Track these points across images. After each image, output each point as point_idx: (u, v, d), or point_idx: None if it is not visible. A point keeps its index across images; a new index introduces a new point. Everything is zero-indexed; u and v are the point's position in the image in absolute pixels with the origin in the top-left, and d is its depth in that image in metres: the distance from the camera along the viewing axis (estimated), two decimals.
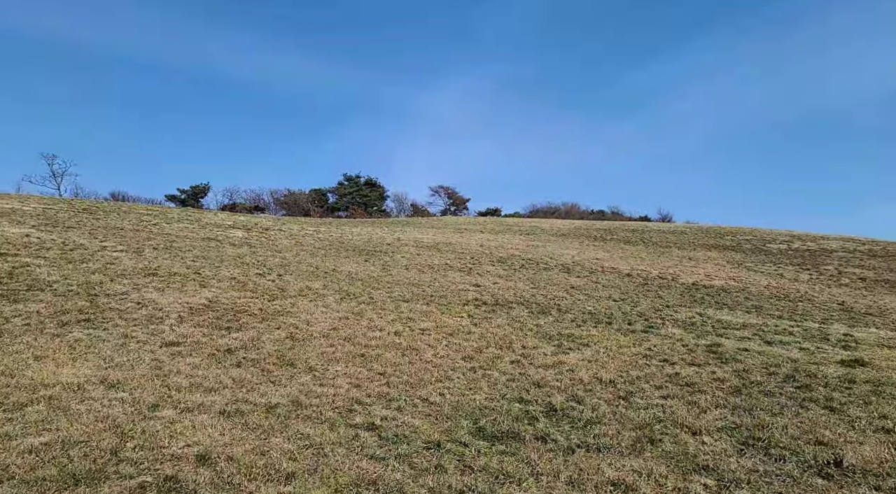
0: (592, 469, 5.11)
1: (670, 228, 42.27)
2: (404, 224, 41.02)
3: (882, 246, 31.67)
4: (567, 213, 62.53)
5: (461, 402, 7.05)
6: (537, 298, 16.14)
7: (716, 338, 11.95)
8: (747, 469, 5.20)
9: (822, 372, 9.30)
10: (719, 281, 21.70)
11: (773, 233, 37.45)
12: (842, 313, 17.05)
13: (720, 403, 7.44)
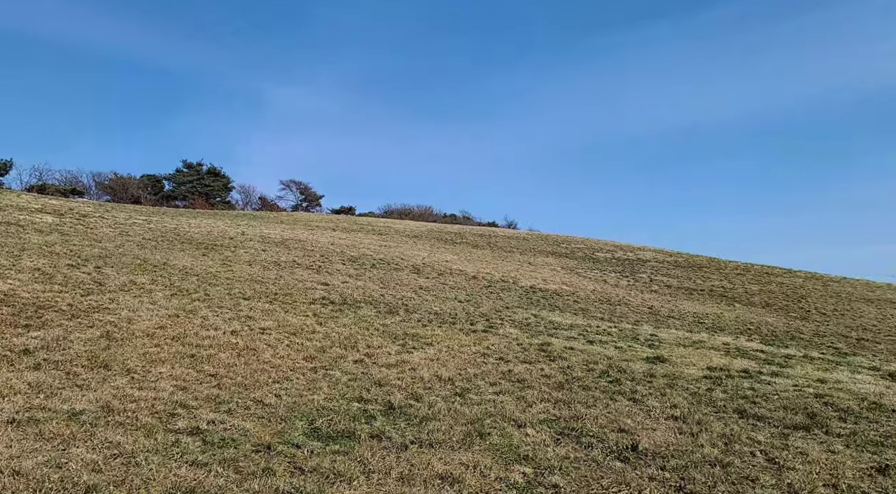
0: (423, 463, 5.25)
1: (514, 234, 45.10)
2: (251, 217, 38.92)
3: (685, 257, 36.76)
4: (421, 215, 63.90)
5: (298, 403, 6.85)
6: (386, 298, 16.25)
7: (547, 338, 12.96)
8: (561, 456, 5.71)
9: (630, 367, 10.52)
10: (554, 286, 23.58)
11: (601, 242, 41.66)
12: (650, 316, 19.45)
13: (545, 397, 8.07)
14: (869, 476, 5.58)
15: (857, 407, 8.64)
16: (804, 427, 7.21)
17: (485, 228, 51.61)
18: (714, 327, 18.43)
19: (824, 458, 5.99)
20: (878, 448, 6.55)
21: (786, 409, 8.15)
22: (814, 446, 6.43)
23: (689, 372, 10.65)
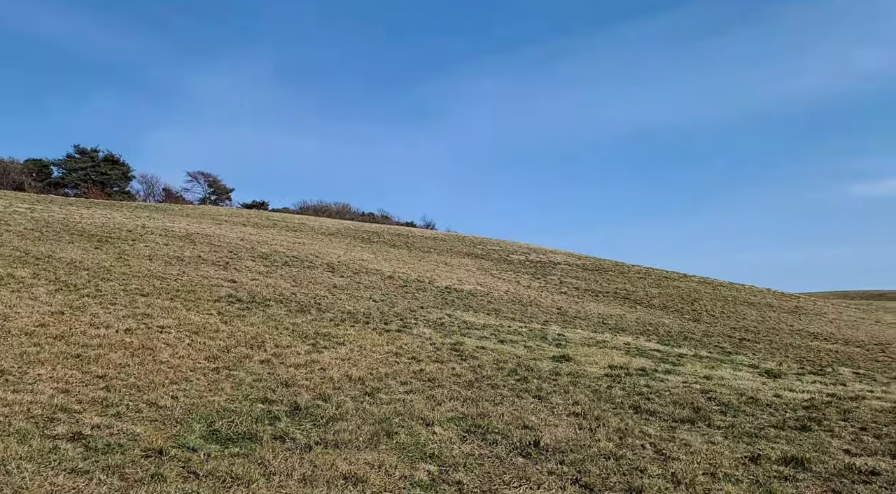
0: (327, 464, 5.16)
1: (432, 235, 45.38)
2: (153, 209, 36.60)
3: (593, 261, 38.56)
4: (338, 213, 62.79)
5: (197, 405, 6.51)
6: (298, 296, 15.82)
7: (460, 337, 13.13)
8: (466, 453, 5.81)
9: (538, 366, 10.88)
10: (469, 286, 23.95)
11: (516, 245, 42.84)
12: (559, 316, 20.23)
13: (455, 396, 8.16)
14: (743, 464, 6.10)
15: (736, 401, 9.43)
16: (690, 421, 7.77)
17: (403, 228, 51.55)
18: (617, 327, 19.46)
19: (705, 449, 6.48)
20: (753, 439, 7.17)
21: (675, 404, 8.74)
22: (697, 438, 6.94)
23: (592, 370, 11.17)
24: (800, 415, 8.69)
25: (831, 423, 8.31)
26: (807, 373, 13.72)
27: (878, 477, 5.96)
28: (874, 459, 6.59)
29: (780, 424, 8.10)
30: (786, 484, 5.54)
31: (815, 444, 7.07)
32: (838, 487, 5.57)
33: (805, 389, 11.13)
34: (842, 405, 9.69)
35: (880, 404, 9.99)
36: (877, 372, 15.41)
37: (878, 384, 12.87)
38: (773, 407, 9.21)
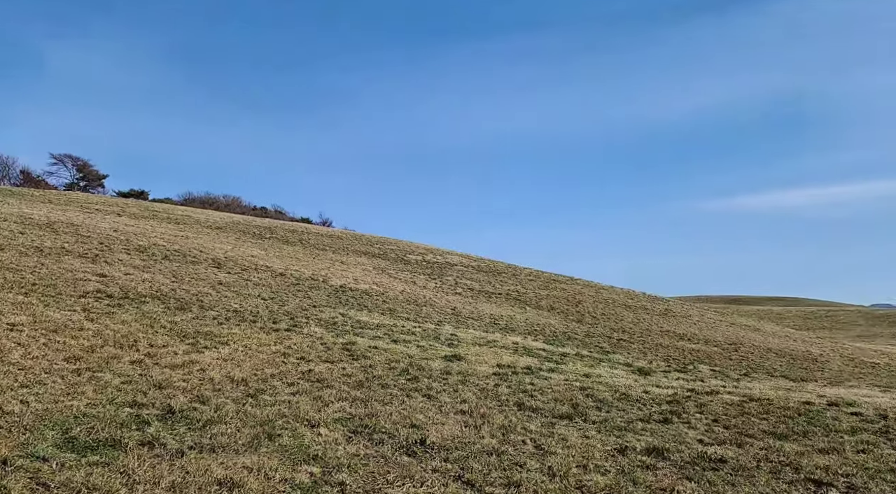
0: (201, 470, 4.87)
1: (328, 232, 44.45)
2: (7, 193, 32.71)
3: (487, 263, 39.69)
4: (227, 206, 59.67)
5: (51, 410, 5.89)
6: (178, 293, 14.82)
7: (353, 337, 12.96)
8: (351, 454, 5.73)
9: (429, 365, 10.99)
10: (364, 285, 23.72)
11: (413, 245, 43.07)
12: (452, 316, 20.59)
13: (344, 396, 8.03)
14: (612, 456, 6.55)
15: (610, 397, 10.10)
16: (568, 417, 8.22)
17: (298, 224, 50.00)
18: (507, 328, 20.16)
19: (580, 443, 6.89)
20: (622, 432, 7.72)
21: (556, 401, 9.20)
22: (573, 432, 7.35)
23: (482, 369, 11.47)
24: (663, 409, 9.48)
25: (689, 416, 9.14)
26: (672, 371, 15.01)
27: (725, 464, 6.64)
28: (723, 448, 7.33)
29: (646, 418, 8.79)
30: (647, 473, 6.02)
31: (674, 435, 7.74)
32: (691, 474, 6.14)
33: (670, 385, 12.16)
34: (699, 399, 10.69)
35: (731, 398, 11.14)
36: (730, 369, 17.20)
37: (730, 380, 14.36)
38: (642, 402, 9.97)
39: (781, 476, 6.33)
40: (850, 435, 8.68)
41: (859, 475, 6.58)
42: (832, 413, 10.43)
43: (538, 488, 5.34)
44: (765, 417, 9.57)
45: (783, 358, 22.77)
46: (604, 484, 5.54)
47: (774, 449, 7.42)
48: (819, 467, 6.76)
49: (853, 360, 25.43)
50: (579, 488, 5.46)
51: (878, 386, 16.90)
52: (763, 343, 26.83)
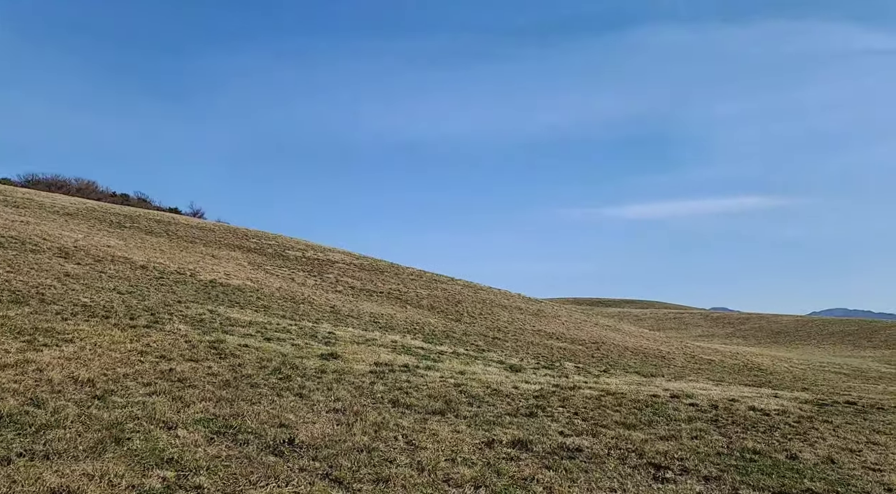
0: (31, 479, 4.34)
1: (199, 224, 41.65)
2: None
3: (370, 261, 39.40)
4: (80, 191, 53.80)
5: None
6: (14, 284, 13.11)
7: (221, 335, 12.24)
8: (211, 455, 5.41)
9: (303, 364, 10.68)
10: (237, 281, 22.52)
11: (293, 240, 41.64)
12: (332, 315, 20.19)
13: (207, 397, 7.57)
14: (480, 449, 6.79)
15: (482, 393, 10.46)
16: (441, 412, 8.39)
17: (165, 214, 46.34)
18: (387, 326, 20.15)
19: (450, 437, 7.06)
20: (491, 426, 8.03)
21: (430, 397, 9.36)
22: (444, 427, 7.52)
23: (358, 367, 11.37)
24: (530, 404, 10.00)
25: (553, 409, 9.72)
26: (541, 368, 15.89)
27: (581, 453, 7.15)
28: (580, 438, 7.88)
29: (514, 412, 9.22)
30: (511, 464, 6.31)
31: (538, 428, 8.20)
32: (550, 463, 6.54)
33: (538, 381, 12.86)
34: (563, 394, 11.42)
35: (591, 392, 12.01)
36: (592, 365, 18.55)
37: (591, 375, 15.49)
38: (511, 398, 10.44)
39: (627, 462, 6.94)
40: (686, 424, 9.73)
41: (691, 458, 7.40)
42: (674, 405, 11.62)
43: (406, 482, 5.39)
44: (618, 409, 10.43)
45: (637, 356, 24.98)
46: (470, 476, 5.72)
47: (624, 438, 8.11)
48: (659, 452, 7.50)
49: (694, 357, 28.52)
50: (446, 481, 5.59)
51: (712, 379, 19.12)
52: (622, 342, 29.25)
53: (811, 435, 9.76)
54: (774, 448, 8.41)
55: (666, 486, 6.11)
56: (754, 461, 7.56)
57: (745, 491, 6.17)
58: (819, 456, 8.23)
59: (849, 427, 11.01)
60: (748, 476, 6.80)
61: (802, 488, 6.53)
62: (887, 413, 13.59)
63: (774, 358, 35.63)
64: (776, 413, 11.70)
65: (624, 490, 5.90)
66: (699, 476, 6.65)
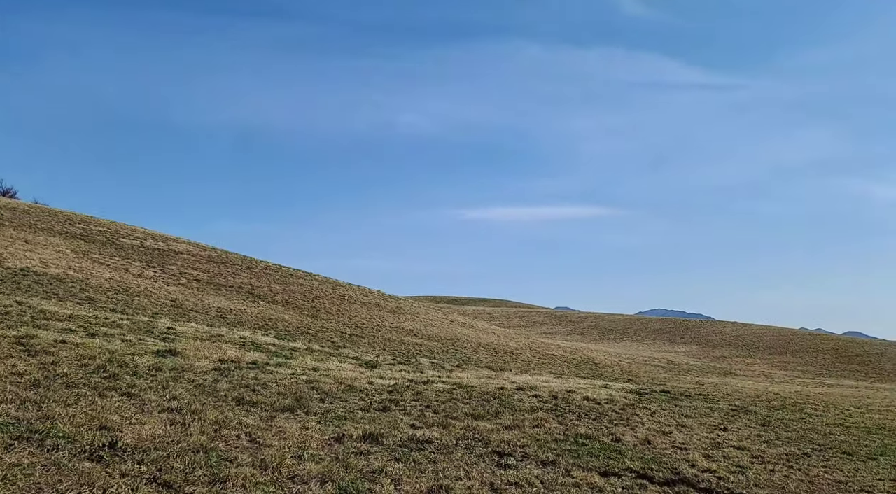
0: None
1: (10, 204, 36.03)
2: None
3: (220, 253, 36.85)
4: None
5: None
6: None
7: (32, 329, 10.68)
8: (10, 464, 4.64)
9: (135, 361, 9.65)
10: (57, 270, 19.82)
11: (129, 228, 37.62)
12: (173, 309, 18.54)
13: (9, 398, 6.52)
14: (329, 444, 6.62)
15: (336, 389, 10.24)
16: (290, 409, 8.05)
17: None
18: (236, 322, 18.97)
19: (298, 434, 6.80)
20: (342, 421, 7.87)
21: (279, 394, 8.95)
22: (293, 424, 7.22)
23: (200, 364, 10.54)
24: (384, 398, 9.99)
25: (406, 404, 9.80)
26: (397, 363, 15.97)
27: (431, 444, 7.27)
28: (430, 430, 8.02)
29: (367, 407, 9.14)
30: (360, 458, 6.23)
31: (390, 422, 8.20)
32: (400, 455, 6.56)
33: (393, 376, 12.90)
34: (417, 388, 11.56)
35: (443, 386, 12.31)
36: (446, 361, 19.07)
37: (445, 370, 15.90)
38: (365, 393, 10.35)
39: (474, 451, 7.20)
40: (529, 414, 10.36)
41: (532, 445, 7.88)
42: (519, 396, 12.32)
43: (247, 482, 5.07)
44: (468, 402, 10.81)
45: (489, 351, 26.19)
46: (317, 472, 5.53)
47: (472, 428, 8.41)
48: (504, 441, 7.88)
49: (539, 353, 30.58)
50: (291, 478, 5.35)
51: (554, 373, 20.65)
52: (475, 338, 30.47)
53: (633, 421, 10.90)
54: (602, 433, 9.25)
55: (508, 472, 6.42)
56: (585, 445, 8.25)
57: (576, 472, 6.69)
58: (638, 439, 9.20)
59: (663, 412, 12.47)
60: (580, 458, 7.40)
61: (623, 467, 7.24)
62: (693, 399, 15.64)
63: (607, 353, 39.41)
64: (605, 402, 12.90)
65: (469, 477, 6.09)
66: (538, 460, 7.09)
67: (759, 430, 11.31)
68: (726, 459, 8.35)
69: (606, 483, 6.44)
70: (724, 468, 7.80)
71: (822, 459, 9.02)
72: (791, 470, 8.06)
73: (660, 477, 6.91)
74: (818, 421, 13.45)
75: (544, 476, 6.43)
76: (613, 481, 6.53)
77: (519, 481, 6.13)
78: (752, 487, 6.97)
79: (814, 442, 10.46)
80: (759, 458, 8.65)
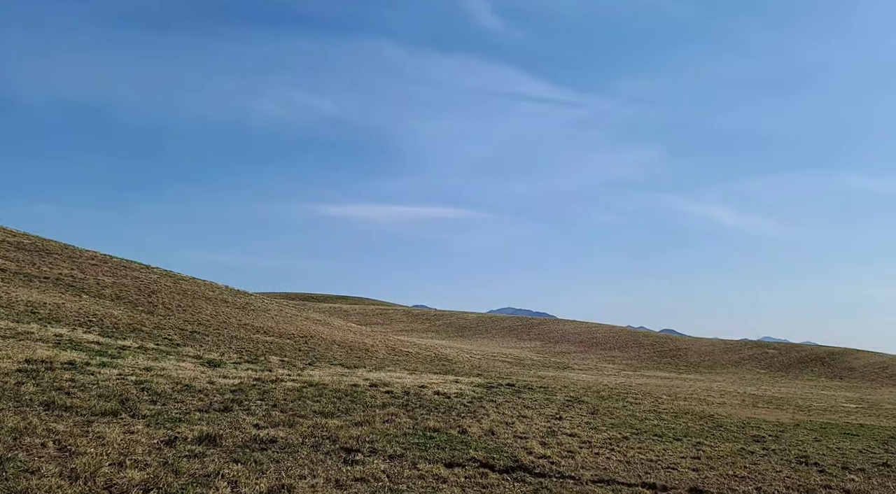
0: None
1: None
2: None
3: (33, 240, 32.06)
4: None
5: None
6: None
7: None
8: None
9: None
10: None
11: None
12: None
13: None
14: (158, 449, 6.02)
15: (170, 390, 9.39)
16: (113, 413, 7.22)
17: None
18: (50, 318, 16.65)
19: (120, 439, 6.10)
20: (175, 423, 7.22)
21: (101, 397, 7.99)
22: (115, 429, 6.47)
23: (1, 365, 9.09)
24: (226, 398, 9.37)
25: (251, 403, 9.28)
26: (244, 362, 15.08)
27: (275, 444, 6.95)
28: (276, 429, 7.67)
29: (206, 408, 8.50)
30: (194, 461, 5.75)
31: (231, 422, 7.70)
32: (240, 456, 6.17)
33: (238, 375, 12.15)
34: (264, 387, 11.01)
35: (293, 384, 11.87)
36: (298, 359, 18.41)
37: (296, 368, 15.34)
38: (205, 393, 9.62)
39: (321, 448, 7.00)
40: (381, 409, 10.35)
41: (381, 440, 7.87)
42: (371, 393, 12.27)
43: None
44: (318, 399, 10.52)
45: (344, 349, 25.78)
46: (140, 479, 5.00)
47: (321, 426, 8.19)
48: (353, 437, 7.77)
49: (395, 349, 30.77)
50: (108, 487, 4.77)
51: (408, 369, 20.89)
52: (330, 336, 29.83)
53: (479, 413, 11.37)
54: (450, 426, 9.52)
55: (355, 468, 6.34)
56: (433, 438, 8.42)
57: (422, 464, 6.79)
58: (484, 430, 9.61)
59: (507, 404, 13.18)
60: (427, 451, 7.53)
61: (468, 457, 7.50)
62: (535, 392, 16.75)
63: (460, 349, 40.83)
64: (455, 396, 13.32)
65: (314, 475, 5.90)
66: (385, 455, 7.09)
67: (588, 418, 12.41)
68: (559, 445, 9.03)
69: (451, 473, 6.61)
70: (557, 453, 8.42)
71: (638, 442, 10.12)
72: (612, 453, 8.93)
73: (500, 466, 7.27)
74: (637, 409, 15.10)
75: (391, 469, 6.44)
76: (457, 471, 6.73)
77: (365, 476, 6.07)
78: (579, 469, 7.60)
79: (632, 427, 11.70)
80: (587, 443, 9.48)
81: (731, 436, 11.72)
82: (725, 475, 8.16)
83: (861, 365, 50.88)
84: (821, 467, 9.30)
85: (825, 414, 18.30)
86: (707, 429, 12.41)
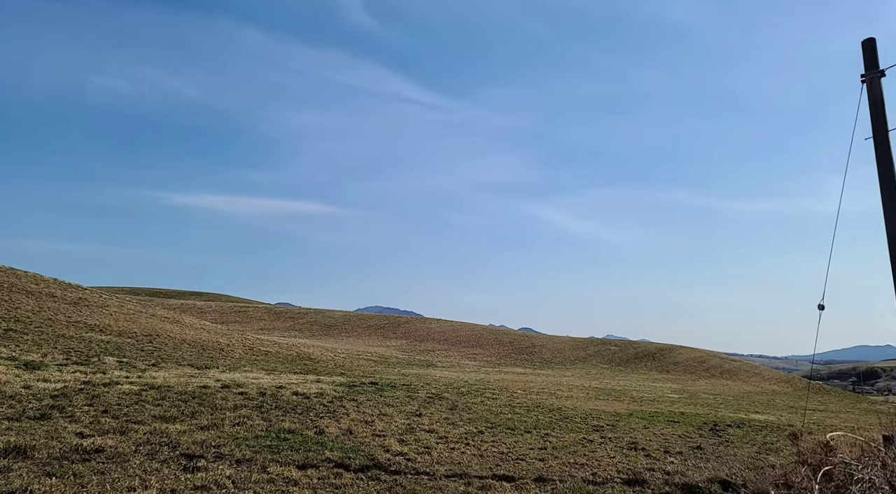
0: None
1: None
2: None
3: None
4: None
5: None
6: None
7: None
8: None
9: None
10: None
11: None
12: None
13: None
14: None
15: None
16: None
17: None
18: None
19: None
20: None
21: None
22: None
23: None
24: (45, 404, 8.23)
25: (76, 409, 8.24)
26: (71, 363, 13.37)
27: (101, 453, 6.20)
28: (104, 438, 6.86)
29: (17, 416, 7.40)
30: None
31: (48, 431, 6.76)
32: (55, 470, 5.42)
33: (62, 379, 10.76)
34: (94, 391, 9.85)
35: (131, 387, 10.75)
36: (140, 359, 16.74)
37: (136, 370, 13.92)
38: (17, 399, 8.39)
39: (157, 456, 6.38)
40: (231, 412, 9.70)
41: (229, 444, 7.36)
42: (223, 394, 11.47)
43: None
44: (160, 403, 9.62)
45: (195, 348, 23.93)
46: None
47: (159, 432, 7.47)
48: (196, 442, 7.18)
49: (253, 349, 29.20)
50: None
51: (266, 369, 19.90)
52: (179, 334, 27.54)
53: (339, 412, 11.12)
54: (307, 426, 9.19)
55: (196, 475, 5.85)
56: (287, 439, 8.07)
57: (273, 468, 6.46)
58: (342, 429, 9.40)
59: (369, 403, 13.05)
60: (279, 453, 7.18)
61: (323, 458, 7.28)
62: (397, 389, 16.79)
63: (324, 349, 39.82)
64: (315, 396, 12.92)
65: (146, 486, 5.34)
66: (233, 459, 6.64)
67: (447, 414, 12.69)
68: (417, 442, 9.10)
69: (303, 475, 6.36)
70: (415, 450, 8.48)
71: (492, 435, 10.53)
72: (467, 447, 9.19)
73: (356, 465, 7.14)
74: (493, 404, 15.75)
75: (237, 475, 6.04)
76: (311, 473, 6.49)
77: (207, 484, 5.62)
78: (434, 465, 7.70)
79: (488, 421, 12.17)
80: (444, 439, 9.66)
81: (574, 427, 12.64)
82: (567, 463, 8.75)
83: (684, 360, 57.79)
84: (647, 452, 10.34)
85: (654, 404, 20.47)
86: (555, 421, 13.27)
